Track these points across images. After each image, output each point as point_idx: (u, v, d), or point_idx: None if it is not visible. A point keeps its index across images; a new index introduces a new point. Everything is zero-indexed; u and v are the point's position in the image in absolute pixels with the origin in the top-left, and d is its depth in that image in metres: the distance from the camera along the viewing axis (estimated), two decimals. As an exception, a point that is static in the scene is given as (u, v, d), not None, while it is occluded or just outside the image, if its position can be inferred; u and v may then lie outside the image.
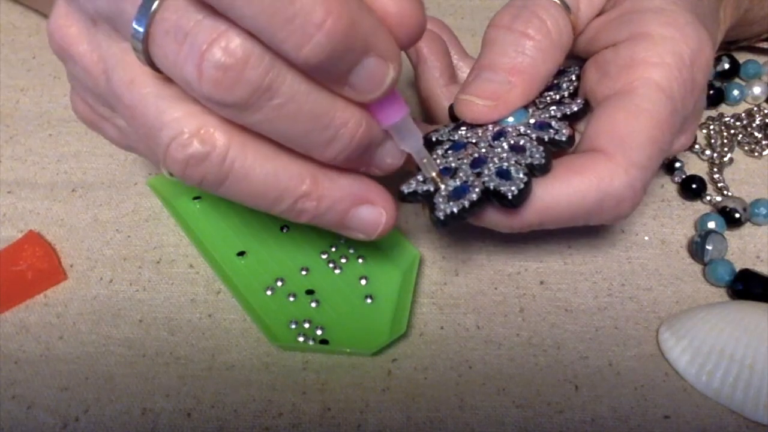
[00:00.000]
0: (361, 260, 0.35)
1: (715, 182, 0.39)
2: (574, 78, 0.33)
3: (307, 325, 0.33)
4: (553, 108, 0.31)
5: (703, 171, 0.40)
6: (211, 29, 0.22)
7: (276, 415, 0.30)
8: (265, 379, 0.31)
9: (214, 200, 0.37)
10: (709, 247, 0.35)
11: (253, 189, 0.26)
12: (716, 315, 0.32)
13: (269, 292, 0.34)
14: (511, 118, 0.31)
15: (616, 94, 0.30)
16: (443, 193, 0.29)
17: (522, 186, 0.27)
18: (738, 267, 0.35)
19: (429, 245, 0.37)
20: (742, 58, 0.44)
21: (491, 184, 0.28)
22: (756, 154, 0.41)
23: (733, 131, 0.41)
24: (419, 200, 0.30)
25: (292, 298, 0.34)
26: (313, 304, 0.34)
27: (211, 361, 0.32)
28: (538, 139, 0.29)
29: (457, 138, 0.31)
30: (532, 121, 0.30)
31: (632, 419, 0.30)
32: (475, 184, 0.28)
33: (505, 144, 0.29)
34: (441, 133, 0.32)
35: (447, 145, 0.31)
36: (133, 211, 0.38)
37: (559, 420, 0.30)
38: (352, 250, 0.36)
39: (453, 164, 0.30)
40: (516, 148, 0.29)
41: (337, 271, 0.35)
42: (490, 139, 0.30)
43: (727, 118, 0.42)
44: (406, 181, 0.30)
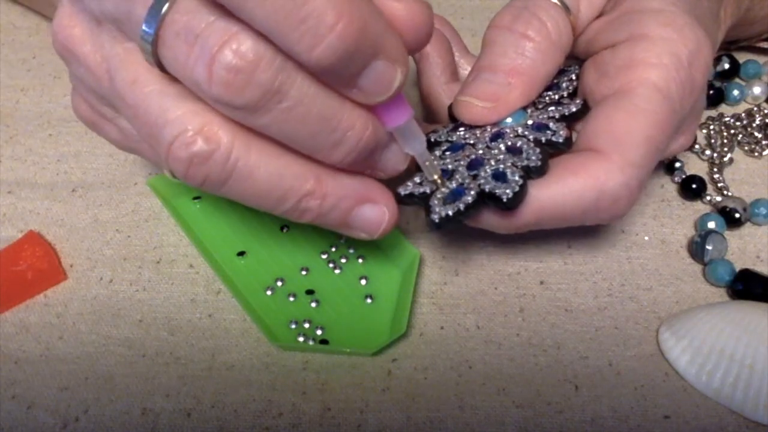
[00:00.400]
0: (361, 260, 0.35)
1: (715, 182, 0.39)
2: (573, 77, 0.33)
3: (307, 325, 0.33)
4: (552, 108, 0.31)
5: (703, 171, 0.40)
6: (222, 31, 0.22)
7: (276, 415, 0.30)
8: (265, 379, 0.31)
9: (214, 200, 0.37)
10: (709, 247, 0.35)
11: (257, 188, 0.25)
12: (716, 315, 0.32)
13: (269, 292, 0.34)
14: (509, 119, 0.31)
15: (613, 94, 0.30)
16: (439, 196, 0.29)
17: (517, 188, 0.27)
18: (738, 267, 0.35)
19: (429, 245, 0.37)
20: (742, 58, 0.44)
21: (487, 187, 0.28)
22: (756, 154, 0.41)
23: (733, 131, 0.41)
24: (415, 202, 0.29)
25: (292, 298, 0.34)
26: (313, 304, 0.34)
27: (211, 361, 0.32)
28: (535, 140, 0.29)
29: (455, 139, 0.31)
30: (530, 123, 0.30)
31: (632, 419, 0.30)
32: (471, 186, 0.28)
33: (502, 146, 0.29)
34: (439, 134, 0.32)
35: (445, 146, 0.31)
36: (133, 211, 0.38)
37: (559, 420, 0.30)
38: (352, 250, 0.36)
39: (450, 166, 0.30)
40: (513, 150, 0.29)
41: (337, 271, 0.35)
42: (487, 140, 0.30)
43: (727, 118, 0.42)
44: (403, 183, 0.30)
